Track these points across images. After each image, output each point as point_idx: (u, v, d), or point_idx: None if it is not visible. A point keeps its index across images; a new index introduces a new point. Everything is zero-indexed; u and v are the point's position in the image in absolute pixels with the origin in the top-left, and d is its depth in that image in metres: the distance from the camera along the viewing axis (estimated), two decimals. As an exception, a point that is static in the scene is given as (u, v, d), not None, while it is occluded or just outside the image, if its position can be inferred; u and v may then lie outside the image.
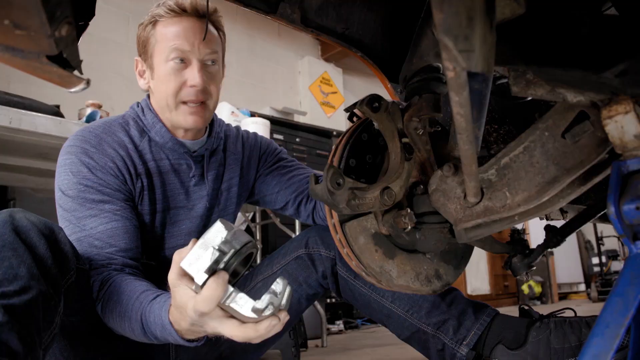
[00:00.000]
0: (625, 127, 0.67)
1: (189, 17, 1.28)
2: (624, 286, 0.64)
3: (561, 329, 1.21)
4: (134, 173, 1.28)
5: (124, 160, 1.26)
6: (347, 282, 1.38)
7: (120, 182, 1.25)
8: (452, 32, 0.45)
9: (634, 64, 0.61)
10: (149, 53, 1.32)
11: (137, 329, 1.01)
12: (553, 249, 1.08)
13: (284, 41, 5.77)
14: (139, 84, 1.39)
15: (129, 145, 1.29)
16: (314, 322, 3.38)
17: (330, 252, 1.38)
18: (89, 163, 1.22)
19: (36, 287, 0.86)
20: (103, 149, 1.25)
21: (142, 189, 1.29)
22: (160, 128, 1.33)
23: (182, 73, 1.27)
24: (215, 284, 0.80)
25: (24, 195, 3.14)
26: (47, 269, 0.91)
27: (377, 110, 0.96)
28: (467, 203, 0.90)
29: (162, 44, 1.28)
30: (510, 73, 0.79)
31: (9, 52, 0.54)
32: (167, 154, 1.35)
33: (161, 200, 1.33)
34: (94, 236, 1.18)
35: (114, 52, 4.20)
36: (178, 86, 1.28)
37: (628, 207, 0.65)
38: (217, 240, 0.81)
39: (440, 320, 1.31)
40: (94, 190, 1.20)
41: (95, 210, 1.19)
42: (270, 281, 1.40)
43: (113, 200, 1.22)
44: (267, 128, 3.37)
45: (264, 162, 1.57)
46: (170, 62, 1.27)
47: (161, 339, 0.98)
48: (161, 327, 0.95)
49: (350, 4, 1.23)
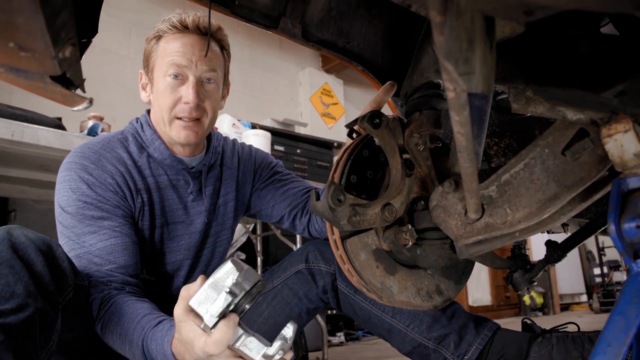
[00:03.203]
0: (625, 145, 0.67)
1: (190, 34, 1.29)
2: (625, 305, 0.64)
3: (563, 345, 1.20)
4: (134, 189, 1.28)
5: (123, 177, 1.27)
6: (347, 297, 1.38)
7: (120, 198, 1.25)
8: (452, 56, 0.45)
9: (633, 84, 0.61)
10: (150, 67, 1.34)
11: (138, 353, 1.01)
12: (554, 264, 1.08)
13: (285, 53, 5.80)
14: (141, 96, 1.40)
15: (128, 161, 1.30)
16: (315, 334, 3.36)
17: (330, 267, 1.38)
18: (88, 179, 1.22)
19: (33, 304, 0.86)
20: (102, 165, 1.25)
21: (143, 205, 1.30)
22: (159, 145, 1.34)
23: (178, 89, 1.28)
24: (226, 327, 0.81)
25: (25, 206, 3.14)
26: (45, 286, 0.91)
27: (378, 127, 0.96)
28: (467, 219, 0.90)
29: (162, 58, 1.29)
30: (510, 90, 0.79)
31: (13, 73, 0.54)
32: (166, 170, 1.36)
33: (160, 216, 1.34)
34: (93, 253, 1.18)
35: (116, 64, 4.22)
36: (173, 102, 1.29)
37: (628, 225, 0.65)
38: (228, 282, 0.81)
39: (442, 335, 1.30)
40: (93, 207, 1.20)
41: (94, 227, 1.19)
42: (270, 295, 1.41)
43: (112, 216, 1.22)
44: (268, 139, 3.38)
45: (259, 176, 1.57)
46: (168, 77, 1.28)
47: None
48: (162, 357, 0.95)
49: (351, 18, 1.24)
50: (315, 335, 3.36)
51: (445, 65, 0.46)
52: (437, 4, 0.42)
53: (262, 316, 1.41)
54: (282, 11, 1.13)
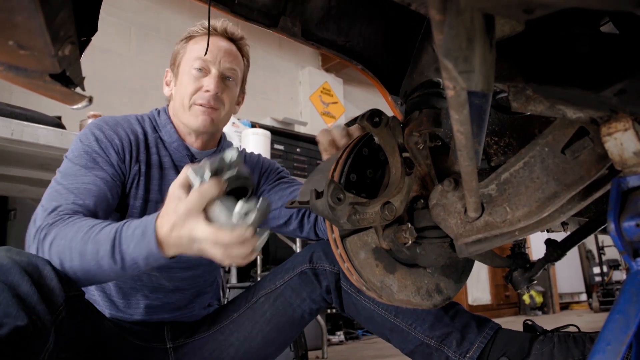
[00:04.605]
0: (625, 144, 0.67)
1: (219, 36, 1.46)
2: (624, 303, 0.64)
3: (565, 344, 1.20)
4: (135, 157, 1.37)
5: (130, 143, 1.37)
6: (350, 297, 1.38)
7: (119, 159, 1.33)
8: (452, 54, 0.45)
9: (633, 83, 0.61)
10: (177, 63, 1.49)
11: (103, 248, 1.01)
12: (554, 263, 1.08)
13: (285, 52, 5.80)
14: (164, 91, 1.55)
15: (140, 136, 1.41)
16: (315, 333, 3.36)
17: (334, 267, 1.38)
18: (98, 135, 1.33)
19: (11, 324, 0.85)
20: (116, 128, 1.37)
21: (139, 174, 1.38)
22: (170, 129, 1.46)
23: (201, 80, 1.42)
24: (214, 182, 0.93)
25: (24, 205, 3.14)
26: (32, 306, 0.90)
27: (378, 125, 0.96)
28: (467, 218, 0.90)
29: (189, 54, 1.45)
30: (510, 89, 0.79)
31: (13, 71, 0.54)
32: (172, 152, 1.45)
33: (157, 192, 1.40)
34: (70, 189, 1.22)
35: (116, 64, 4.22)
36: (195, 89, 1.42)
37: (628, 224, 0.65)
38: (227, 158, 0.97)
39: (444, 334, 1.31)
40: (90, 158, 1.28)
41: (82, 171, 1.26)
42: (272, 296, 1.42)
43: (102, 170, 1.29)
44: (268, 138, 3.38)
45: (266, 178, 1.62)
46: (193, 70, 1.42)
47: (131, 255, 1.00)
48: (141, 234, 0.99)
49: (351, 17, 1.24)
50: (315, 334, 3.36)
51: (444, 64, 0.46)
52: (436, 2, 0.42)
53: (264, 316, 1.41)
54: (282, 10, 1.13)
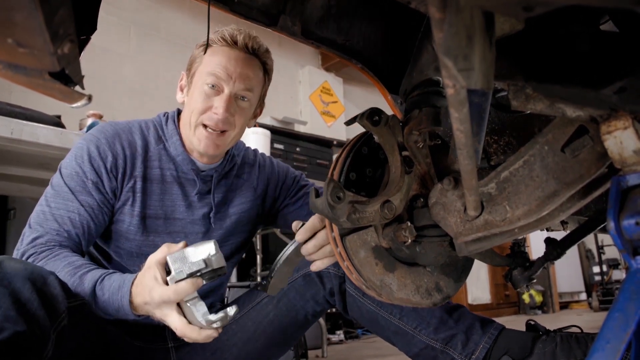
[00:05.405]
0: (625, 142, 0.67)
1: (237, 50, 1.34)
2: (624, 302, 0.64)
3: (567, 343, 1.21)
4: (129, 174, 1.33)
5: (125, 160, 1.32)
6: (355, 300, 1.38)
7: (110, 178, 1.30)
8: (451, 52, 0.45)
9: (633, 81, 0.61)
10: (192, 71, 1.39)
11: (86, 286, 1.08)
12: (553, 262, 1.08)
13: (285, 51, 5.79)
14: (177, 96, 1.46)
15: (139, 149, 1.35)
16: (314, 332, 3.37)
17: (339, 270, 1.38)
18: (92, 152, 1.29)
19: (11, 328, 0.85)
20: (113, 143, 1.32)
21: (133, 191, 1.33)
22: (176, 140, 1.39)
23: (212, 99, 1.33)
24: (191, 283, 0.97)
25: (24, 204, 3.14)
26: (32, 312, 0.90)
27: (377, 124, 0.96)
28: (467, 216, 0.90)
29: (204, 66, 1.35)
30: (509, 88, 0.79)
31: (12, 70, 0.54)
32: (177, 165, 1.39)
33: (158, 207, 1.36)
34: (55, 215, 1.24)
35: (116, 63, 4.21)
36: (204, 108, 1.33)
37: (628, 222, 0.65)
38: (205, 254, 0.99)
39: (449, 336, 1.31)
40: (79, 180, 1.27)
41: (70, 195, 1.26)
42: (276, 297, 1.42)
43: (90, 196, 1.28)
44: (268, 138, 3.38)
45: (287, 192, 1.59)
46: (205, 85, 1.33)
47: (105, 299, 1.06)
48: (117, 288, 1.04)
49: (351, 16, 1.24)
50: (315, 334, 3.36)
51: (444, 62, 0.46)
52: (436, 0, 0.42)
53: (267, 317, 1.42)
54: (282, 9, 1.13)
